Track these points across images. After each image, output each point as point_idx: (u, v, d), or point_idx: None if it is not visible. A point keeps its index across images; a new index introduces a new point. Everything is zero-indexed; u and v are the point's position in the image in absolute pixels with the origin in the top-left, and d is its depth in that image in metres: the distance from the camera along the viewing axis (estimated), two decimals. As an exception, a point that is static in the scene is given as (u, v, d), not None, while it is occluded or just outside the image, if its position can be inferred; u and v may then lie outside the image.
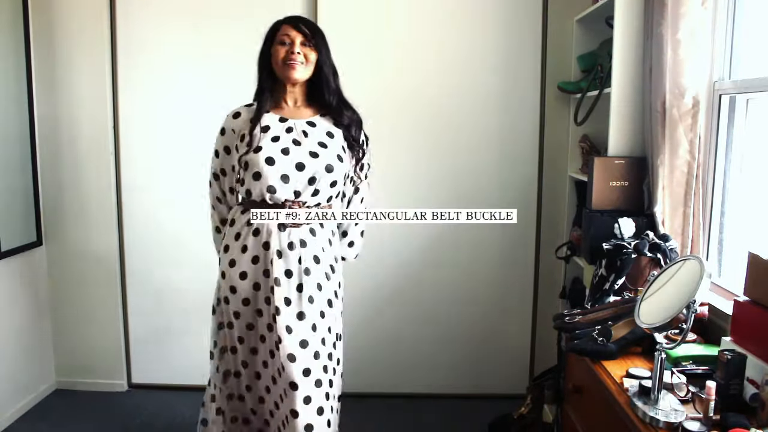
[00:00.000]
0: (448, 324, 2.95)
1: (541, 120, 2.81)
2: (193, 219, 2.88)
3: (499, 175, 2.85)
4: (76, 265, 2.94)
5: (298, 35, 1.84)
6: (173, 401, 2.92)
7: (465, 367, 2.97)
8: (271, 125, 1.87)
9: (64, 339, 3.00)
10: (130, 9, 2.79)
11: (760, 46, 1.87)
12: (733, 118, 1.96)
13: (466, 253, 2.90)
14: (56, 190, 2.90)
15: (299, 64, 1.84)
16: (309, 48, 1.85)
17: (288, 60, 1.83)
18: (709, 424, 1.28)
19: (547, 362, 2.80)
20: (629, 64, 2.17)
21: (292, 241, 1.84)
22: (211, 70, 2.80)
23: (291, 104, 1.93)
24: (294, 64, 1.83)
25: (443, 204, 2.86)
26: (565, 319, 1.87)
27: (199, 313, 2.95)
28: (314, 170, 1.83)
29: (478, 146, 2.84)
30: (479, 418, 2.73)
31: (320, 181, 1.85)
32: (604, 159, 2.19)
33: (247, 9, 2.75)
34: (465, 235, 2.88)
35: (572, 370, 1.93)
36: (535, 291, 2.94)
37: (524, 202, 2.86)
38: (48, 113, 2.84)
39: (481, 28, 2.76)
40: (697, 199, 1.99)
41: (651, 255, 1.91)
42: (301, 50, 1.84)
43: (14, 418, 2.72)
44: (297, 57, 1.83)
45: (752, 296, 1.47)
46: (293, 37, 1.84)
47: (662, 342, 1.59)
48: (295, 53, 1.83)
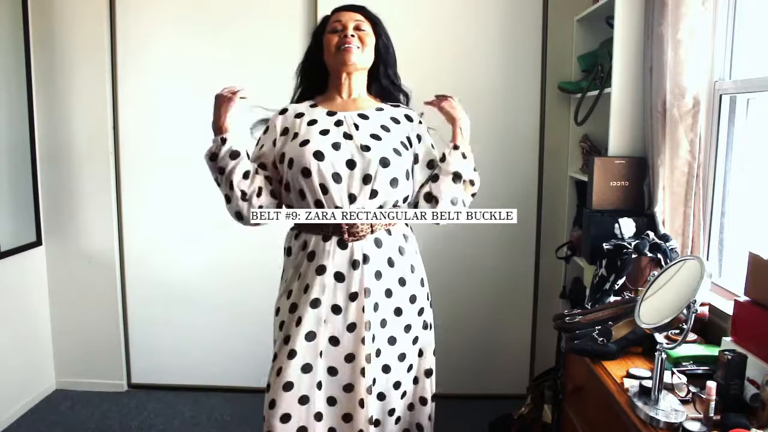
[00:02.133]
0: (448, 324, 2.94)
1: (541, 120, 2.81)
2: (193, 219, 2.88)
3: (499, 175, 2.84)
4: (76, 265, 2.94)
5: (350, 19, 1.64)
6: (173, 401, 2.92)
7: (465, 367, 2.97)
8: (319, 119, 1.63)
9: (64, 339, 3.00)
10: (130, 10, 2.79)
11: (760, 46, 1.87)
12: (734, 118, 1.95)
13: (466, 253, 2.90)
14: (56, 191, 2.90)
15: (354, 47, 1.61)
16: (364, 31, 1.64)
17: (342, 45, 1.61)
18: (710, 425, 1.28)
19: (547, 362, 2.80)
20: (629, 64, 2.17)
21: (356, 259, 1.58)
22: (210, 70, 2.79)
23: (345, 97, 1.69)
24: (350, 47, 1.60)
25: (443, 204, 2.86)
26: (566, 319, 1.87)
27: (199, 314, 2.95)
28: (367, 167, 1.55)
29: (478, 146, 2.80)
30: (479, 418, 2.73)
31: (377, 180, 1.57)
32: (605, 159, 2.19)
33: (246, 9, 2.75)
34: (465, 235, 2.88)
35: (572, 370, 1.93)
36: (535, 291, 2.94)
37: (524, 202, 2.86)
38: (48, 113, 2.84)
39: (481, 28, 2.76)
40: (698, 199, 1.98)
41: (651, 255, 1.91)
42: (355, 33, 1.62)
43: (14, 418, 2.72)
44: (351, 40, 1.61)
45: (752, 296, 1.47)
46: (345, 21, 1.63)
47: (662, 342, 1.59)
48: (349, 36, 1.61)
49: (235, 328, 2.96)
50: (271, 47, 2.75)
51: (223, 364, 3.00)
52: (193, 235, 2.90)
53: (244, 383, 2.99)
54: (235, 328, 2.96)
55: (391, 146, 1.61)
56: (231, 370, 3.00)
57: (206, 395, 2.98)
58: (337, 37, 1.62)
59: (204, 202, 2.81)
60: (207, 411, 2.83)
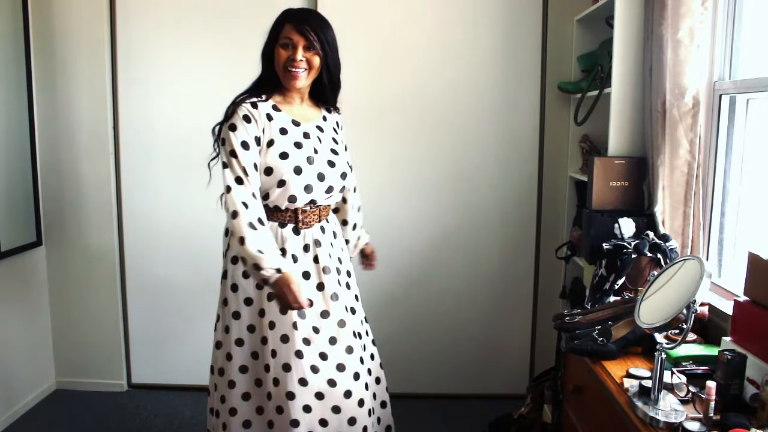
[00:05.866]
0: (447, 324, 2.95)
1: (541, 120, 2.81)
2: (193, 219, 2.88)
3: (499, 175, 2.85)
4: (76, 265, 2.94)
5: (301, 39, 1.71)
6: (173, 401, 2.92)
7: (465, 367, 2.97)
8: (288, 129, 1.76)
9: (64, 339, 3.00)
10: (130, 11, 2.79)
11: (760, 46, 1.87)
12: (733, 118, 1.96)
13: (465, 253, 2.90)
14: (56, 191, 2.90)
15: (301, 72, 1.73)
16: (312, 52, 1.73)
17: (289, 67, 1.72)
18: (709, 425, 1.28)
19: (547, 362, 2.81)
20: (629, 64, 2.17)
21: (307, 243, 1.81)
22: (210, 70, 2.79)
23: (297, 101, 1.84)
24: (296, 73, 1.73)
25: (443, 204, 2.87)
26: (565, 319, 1.87)
27: (198, 314, 2.95)
28: (332, 180, 1.81)
29: (478, 146, 2.83)
30: (479, 418, 2.73)
31: (336, 190, 1.85)
32: (604, 159, 2.19)
33: (246, 9, 2.75)
34: (465, 235, 2.88)
35: (572, 370, 1.93)
36: (535, 291, 2.94)
37: (524, 202, 2.86)
38: (48, 114, 2.84)
39: (482, 28, 2.76)
40: (697, 199, 1.99)
41: (651, 255, 1.91)
42: (303, 56, 1.72)
43: (14, 418, 2.72)
44: (300, 65, 1.72)
45: (752, 296, 1.47)
46: (296, 41, 1.71)
47: (662, 342, 1.59)
48: (297, 60, 1.71)
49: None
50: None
51: (223, 364, 2.99)
52: (193, 235, 2.89)
53: (244, 383, 2.99)
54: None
55: (345, 160, 1.89)
56: (231, 370, 3.00)
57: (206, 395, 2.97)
58: (286, 56, 1.73)
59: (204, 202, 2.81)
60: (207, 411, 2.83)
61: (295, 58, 1.71)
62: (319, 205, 1.83)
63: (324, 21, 1.79)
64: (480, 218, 2.87)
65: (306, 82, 1.78)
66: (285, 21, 1.75)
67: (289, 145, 1.74)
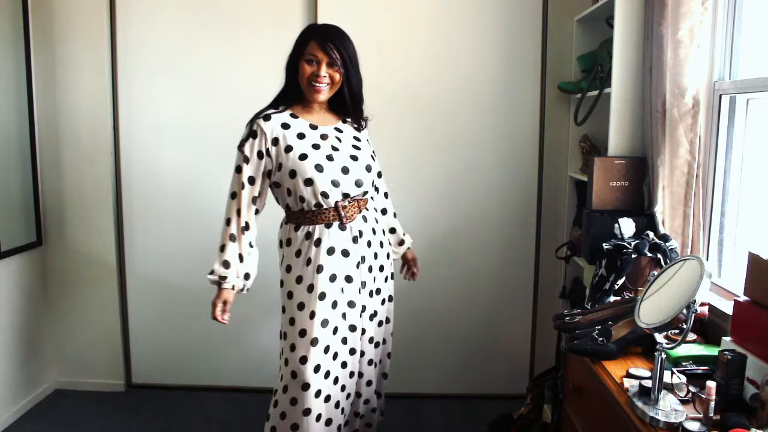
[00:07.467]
0: (448, 324, 2.95)
1: (541, 120, 2.81)
2: (193, 219, 2.88)
3: (499, 175, 2.85)
4: (76, 265, 2.94)
5: (324, 57, 1.84)
6: (173, 401, 2.92)
7: (465, 367, 2.97)
8: (306, 133, 1.89)
9: (64, 339, 3.00)
10: (130, 9, 2.79)
11: (760, 46, 1.87)
12: (733, 118, 1.96)
13: (465, 253, 2.90)
14: (56, 191, 2.90)
15: (324, 86, 1.87)
16: (335, 69, 1.87)
17: (313, 81, 1.86)
18: (709, 424, 1.28)
19: (547, 362, 2.80)
20: (629, 64, 2.17)
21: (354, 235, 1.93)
22: (210, 69, 2.80)
23: (317, 108, 1.96)
24: (319, 87, 1.87)
25: (443, 204, 2.87)
26: (565, 319, 1.87)
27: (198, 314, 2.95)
28: (358, 173, 1.91)
29: (478, 146, 2.83)
30: (479, 418, 2.73)
31: (365, 183, 1.94)
32: (604, 159, 2.19)
33: (246, 9, 2.75)
34: (465, 235, 2.88)
35: (572, 370, 1.93)
36: (535, 291, 2.94)
37: (524, 202, 2.86)
38: (48, 113, 2.84)
39: (481, 28, 2.76)
40: (697, 199, 1.99)
41: (651, 255, 1.91)
42: (327, 73, 1.86)
43: (14, 418, 2.72)
44: (323, 80, 1.86)
45: (752, 296, 1.47)
46: (320, 58, 1.85)
47: (662, 342, 1.59)
48: (321, 76, 1.85)
49: (236, 328, 2.96)
50: (271, 47, 2.74)
51: (223, 364, 3.00)
52: (193, 235, 2.89)
53: (244, 383, 2.99)
54: (235, 328, 2.96)
55: (367, 154, 1.99)
56: (231, 370, 3.00)
57: (206, 395, 2.98)
58: (310, 71, 1.86)
59: (204, 202, 2.81)
60: (207, 411, 2.83)
61: (319, 74, 1.85)
62: (355, 197, 1.93)
63: (345, 37, 1.90)
64: (480, 218, 2.87)
65: (328, 95, 1.91)
66: (309, 38, 1.87)
67: (307, 147, 1.86)
